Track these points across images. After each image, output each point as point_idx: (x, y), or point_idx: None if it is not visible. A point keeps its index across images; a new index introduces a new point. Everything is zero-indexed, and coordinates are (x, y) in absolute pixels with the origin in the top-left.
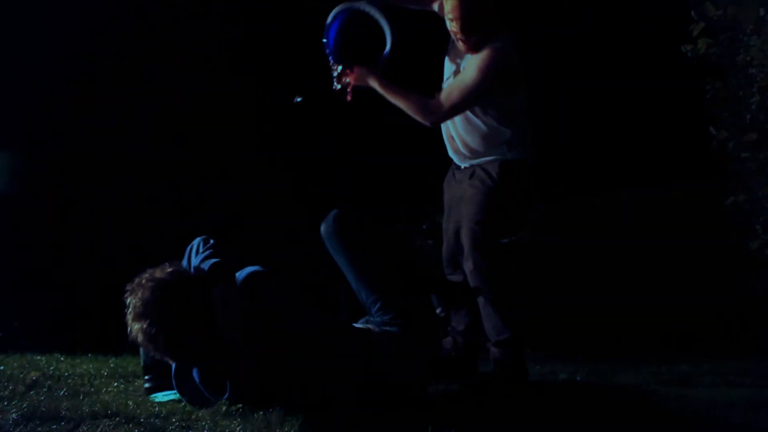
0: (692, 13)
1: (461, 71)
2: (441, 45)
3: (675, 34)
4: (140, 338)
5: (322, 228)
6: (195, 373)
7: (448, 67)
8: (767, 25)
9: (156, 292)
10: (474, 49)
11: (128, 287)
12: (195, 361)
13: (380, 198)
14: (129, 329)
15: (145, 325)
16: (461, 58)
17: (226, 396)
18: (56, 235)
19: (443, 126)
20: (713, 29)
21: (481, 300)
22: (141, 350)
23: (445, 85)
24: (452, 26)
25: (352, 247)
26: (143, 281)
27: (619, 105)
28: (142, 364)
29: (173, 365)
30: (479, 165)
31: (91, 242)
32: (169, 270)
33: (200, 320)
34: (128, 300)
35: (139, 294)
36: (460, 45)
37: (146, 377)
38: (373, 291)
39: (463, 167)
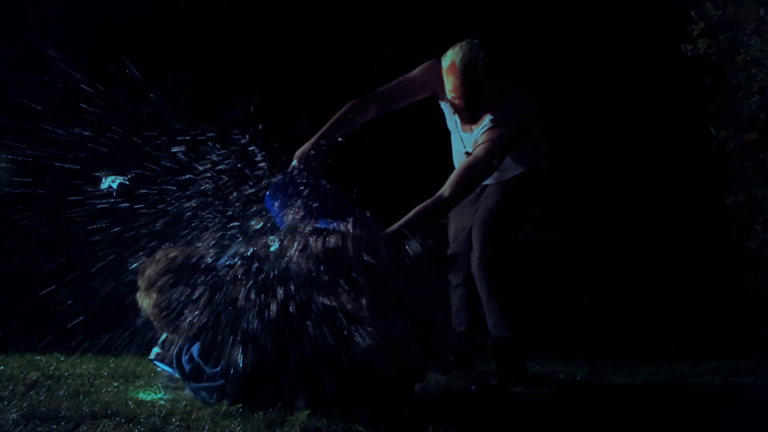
0: (692, 13)
1: (474, 147)
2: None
3: (675, 34)
4: (150, 310)
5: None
6: (195, 348)
7: (457, 137)
8: (767, 25)
9: (170, 264)
10: (474, 121)
11: (140, 265)
12: (197, 334)
13: (379, 198)
14: (140, 302)
15: (155, 296)
16: (469, 127)
17: (219, 368)
18: (57, 234)
19: (455, 159)
20: (713, 29)
21: (485, 295)
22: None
23: (458, 157)
24: (457, 103)
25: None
26: (157, 257)
27: (619, 105)
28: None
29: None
30: (497, 182)
31: (91, 242)
32: (182, 248)
33: (207, 296)
34: (140, 274)
35: (152, 267)
36: (464, 117)
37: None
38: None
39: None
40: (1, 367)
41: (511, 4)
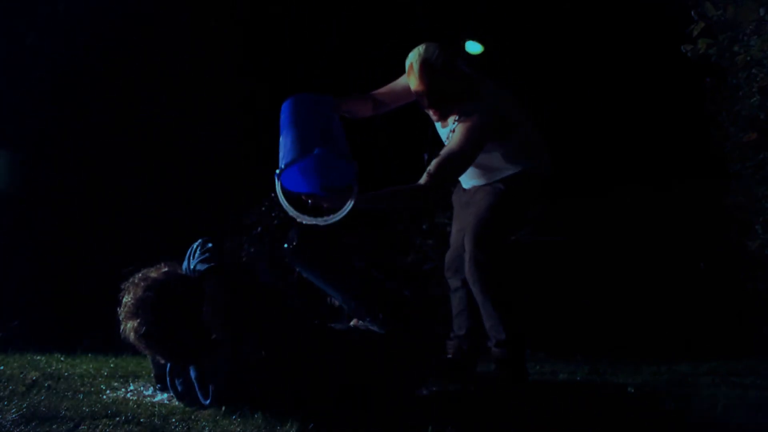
0: (692, 13)
1: (449, 141)
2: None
3: (675, 34)
4: (132, 337)
5: (285, 247)
6: (192, 370)
7: (441, 129)
8: (767, 25)
9: (148, 292)
10: (444, 118)
11: (123, 286)
12: (186, 359)
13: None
14: (122, 328)
15: (136, 324)
16: (443, 125)
17: (208, 401)
18: (57, 235)
19: None
20: (713, 29)
21: (479, 298)
22: (150, 360)
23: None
24: (420, 101)
25: (318, 265)
26: (137, 281)
27: (619, 105)
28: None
29: (168, 364)
30: (491, 182)
31: (91, 241)
32: (164, 270)
33: (191, 320)
34: (122, 299)
35: (132, 293)
36: (432, 116)
37: (158, 386)
38: (348, 299)
39: (472, 186)
40: (1, 367)
41: (512, 4)
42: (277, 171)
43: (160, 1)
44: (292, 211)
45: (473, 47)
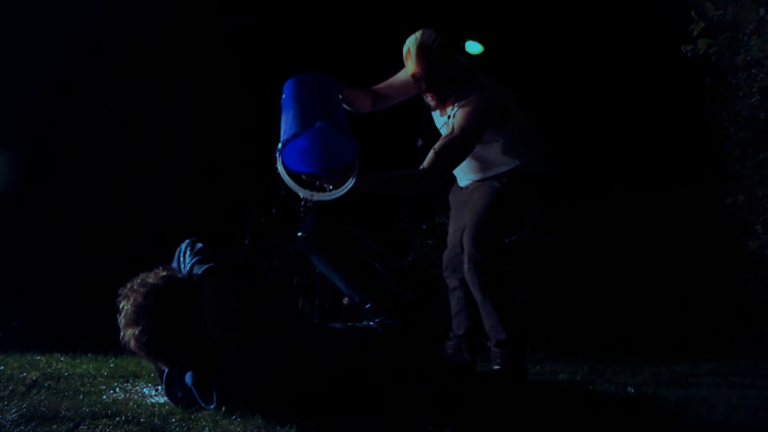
0: (692, 13)
1: (448, 128)
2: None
3: (675, 34)
4: (132, 344)
5: (301, 240)
6: (188, 376)
7: (438, 119)
8: (767, 25)
9: (148, 298)
10: (443, 103)
11: (121, 291)
12: (187, 365)
13: (380, 197)
14: (121, 335)
15: (137, 332)
16: (443, 112)
17: (213, 406)
18: (56, 235)
19: None
20: (713, 29)
21: (479, 298)
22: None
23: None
24: (419, 86)
25: (335, 258)
26: (135, 286)
27: (619, 105)
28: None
29: (166, 369)
30: (488, 177)
31: (91, 241)
32: (162, 275)
33: (192, 325)
34: (121, 305)
35: (132, 299)
36: (431, 102)
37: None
38: (363, 295)
39: (469, 182)
40: (1, 367)
41: (512, 4)
42: (279, 146)
43: (160, 2)
44: (293, 186)
45: (473, 47)
